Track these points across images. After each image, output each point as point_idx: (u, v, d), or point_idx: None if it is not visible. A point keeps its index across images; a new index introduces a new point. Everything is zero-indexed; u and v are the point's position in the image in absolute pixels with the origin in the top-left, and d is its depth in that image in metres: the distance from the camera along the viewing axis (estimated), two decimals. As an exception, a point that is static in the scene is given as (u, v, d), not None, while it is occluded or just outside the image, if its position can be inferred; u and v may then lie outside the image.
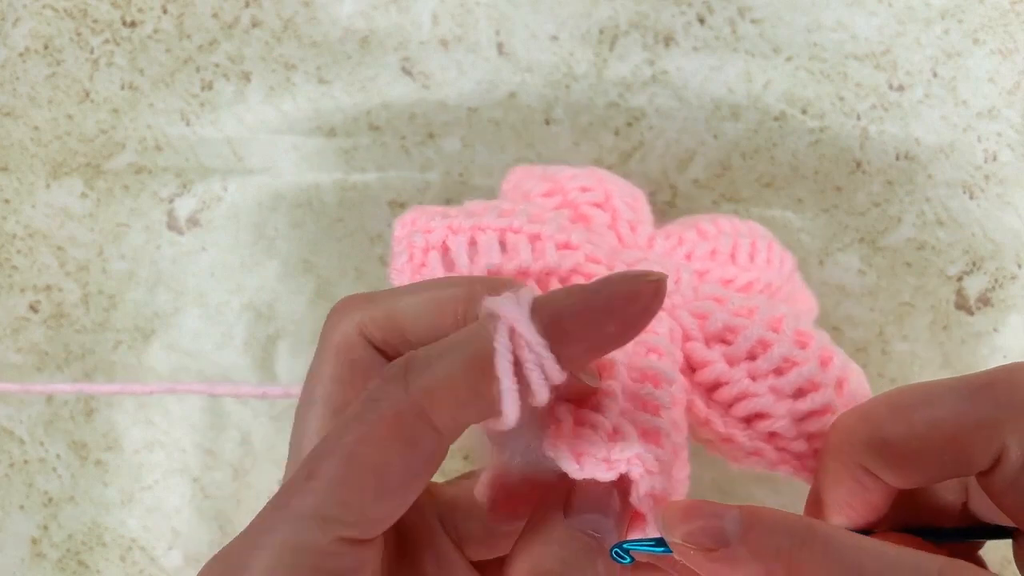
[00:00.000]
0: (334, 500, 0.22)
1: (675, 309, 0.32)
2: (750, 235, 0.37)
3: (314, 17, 0.45)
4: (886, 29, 0.44)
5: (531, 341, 0.22)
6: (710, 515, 0.24)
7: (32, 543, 0.45)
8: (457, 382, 0.23)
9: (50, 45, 0.46)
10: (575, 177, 0.37)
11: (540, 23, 0.45)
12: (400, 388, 0.23)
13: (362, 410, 0.23)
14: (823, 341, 0.32)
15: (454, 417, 0.23)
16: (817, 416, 0.30)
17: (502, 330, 0.22)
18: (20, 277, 0.45)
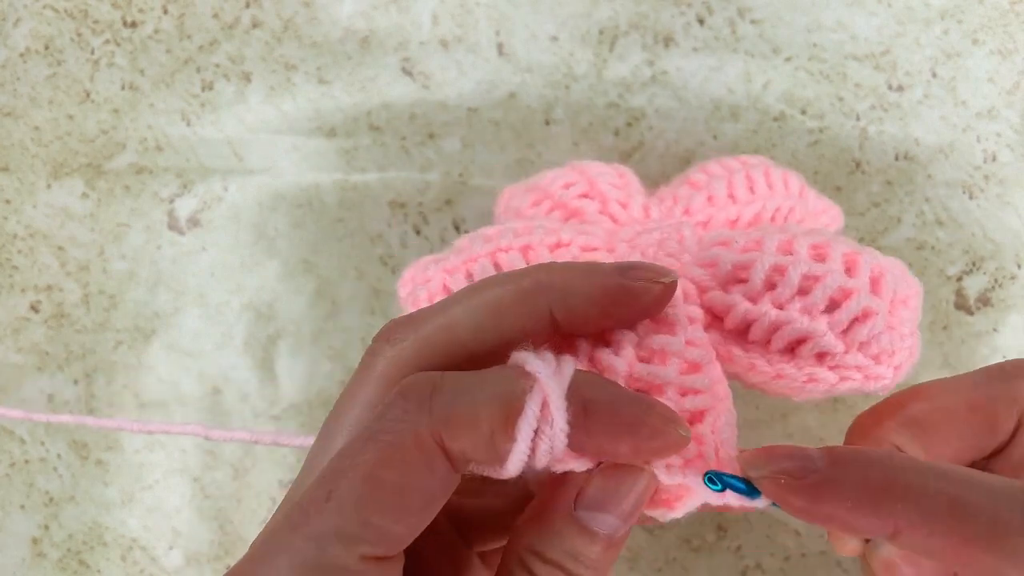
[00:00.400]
0: (356, 520, 0.22)
1: (684, 268, 0.31)
2: (743, 169, 0.37)
3: (314, 17, 0.45)
4: (886, 29, 0.44)
5: (557, 421, 0.23)
6: (792, 453, 0.24)
7: (33, 543, 0.45)
8: (478, 424, 0.23)
9: (51, 45, 0.46)
10: (556, 177, 0.37)
11: (540, 23, 0.45)
12: (423, 412, 0.23)
13: (380, 429, 0.23)
14: (844, 247, 0.30)
15: (464, 452, 0.23)
16: (860, 323, 0.29)
17: (535, 398, 0.23)
18: (21, 277, 0.46)
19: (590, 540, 0.24)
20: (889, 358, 0.30)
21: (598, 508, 0.24)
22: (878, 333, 0.29)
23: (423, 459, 0.23)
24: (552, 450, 0.23)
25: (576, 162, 0.38)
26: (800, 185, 0.37)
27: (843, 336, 0.29)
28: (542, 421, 0.23)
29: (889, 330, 0.30)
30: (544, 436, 0.23)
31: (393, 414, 0.23)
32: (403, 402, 0.23)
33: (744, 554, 0.42)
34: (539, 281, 0.25)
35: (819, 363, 0.30)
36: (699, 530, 0.43)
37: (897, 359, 0.30)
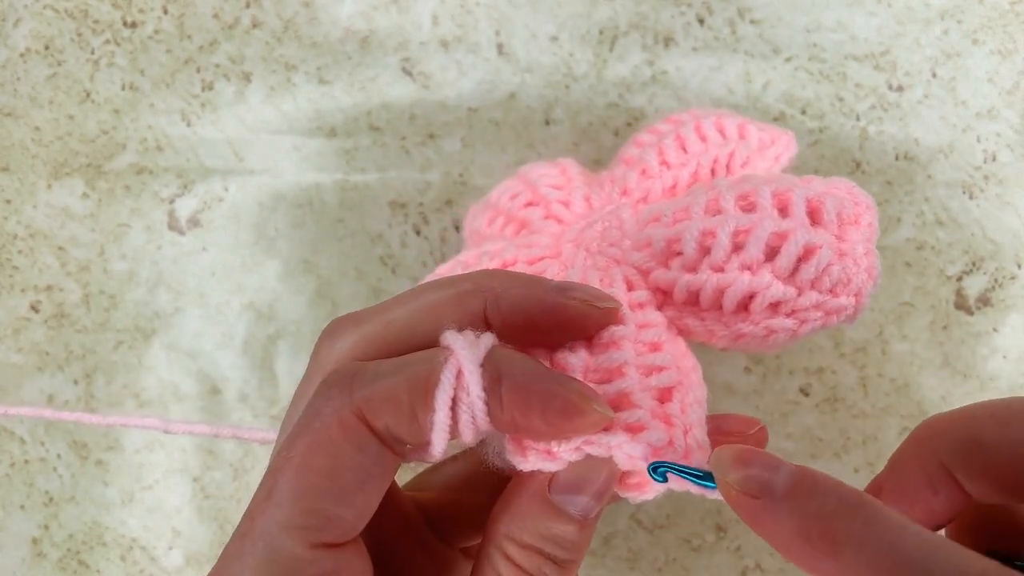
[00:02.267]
0: (296, 509, 0.22)
1: (626, 255, 0.31)
2: (672, 130, 0.36)
3: (314, 18, 0.45)
4: (885, 29, 0.44)
5: (471, 388, 0.23)
6: (765, 466, 0.23)
7: (33, 543, 0.45)
8: (398, 400, 0.23)
9: (51, 45, 0.46)
10: (503, 190, 0.37)
11: (540, 24, 0.45)
12: (345, 394, 0.23)
13: (308, 420, 0.23)
14: (773, 187, 0.29)
15: (388, 428, 0.23)
16: (804, 262, 0.28)
17: (450, 368, 0.24)
18: (21, 277, 0.46)
19: (566, 521, 0.24)
20: (845, 287, 0.29)
21: (571, 490, 0.24)
22: (827, 265, 0.28)
23: (349, 440, 0.23)
24: (474, 420, 0.24)
25: (522, 168, 0.38)
26: (737, 125, 0.36)
27: (791, 280, 0.28)
28: (459, 390, 0.24)
29: (840, 257, 0.29)
30: (463, 405, 0.24)
31: (318, 403, 0.24)
32: (326, 389, 0.24)
33: (744, 554, 0.42)
34: (478, 285, 0.26)
35: (775, 313, 0.29)
36: (699, 530, 0.43)
37: (854, 286, 0.29)
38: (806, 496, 0.22)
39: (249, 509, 0.23)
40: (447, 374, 0.23)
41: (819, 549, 0.22)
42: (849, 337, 0.43)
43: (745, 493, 0.23)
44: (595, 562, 0.43)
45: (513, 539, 0.24)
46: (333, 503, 0.23)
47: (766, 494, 0.23)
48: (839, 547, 0.21)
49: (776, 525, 0.22)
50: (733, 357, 0.43)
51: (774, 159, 0.36)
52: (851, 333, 0.43)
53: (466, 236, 0.40)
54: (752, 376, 0.43)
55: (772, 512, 0.22)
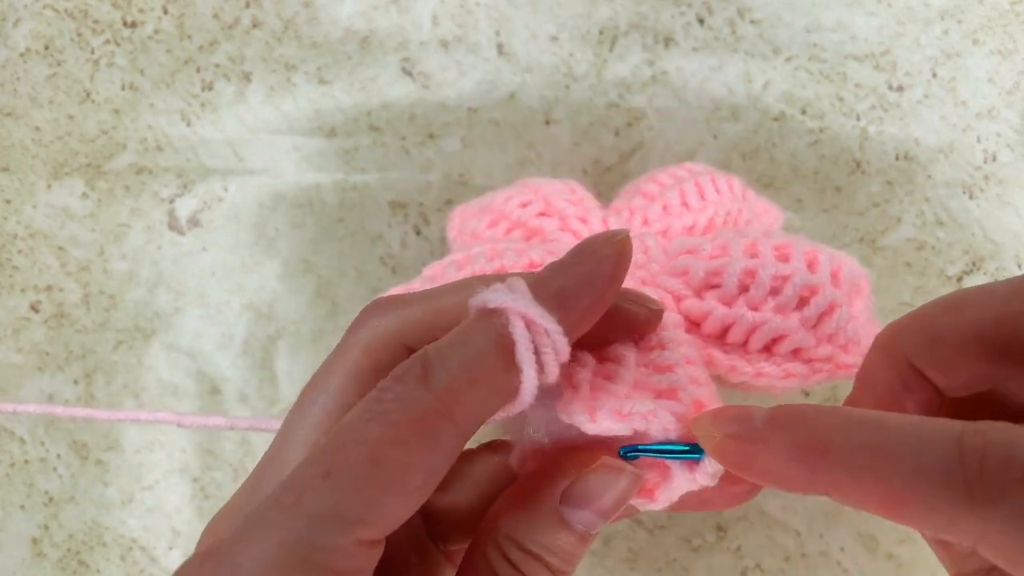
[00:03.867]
0: (358, 501, 0.21)
1: (655, 278, 0.33)
2: (691, 177, 0.37)
3: (314, 18, 0.45)
4: (885, 29, 0.44)
5: (548, 328, 0.23)
6: (739, 415, 0.24)
7: (33, 543, 0.45)
8: (479, 379, 0.23)
9: (51, 45, 0.46)
10: (510, 197, 0.37)
11: (540, 24, 0.45)
12: (422, 388, 0.23)
13: (382, 409, 0.22)
14: (803, 245, 0.32)
15: (477, 413, 0.23)
16: (828, 316, 0.31)
17: (516, 321, 0.23)
18: (21, 277, 0.46)
19: (568, 534, 0.24)
20: (855, 346, 0.32)
21: (581, 505, 0.25)
22: (844, 324, 0.31)
23: (428, 436, 0.22)
24: (557, 356, 0.24)
25: (526, 180, 0.39)
26: (742, 188, 0.38)
27: (813, 331, 0.31)
28: (535, 335, 0.23)
29: (852, 319, 0.32)
30: (545, 348, 0.23)
31: (392, 394, 0.23)
32: (400, 385, 0.23)
33: (744, 554, 0.42)
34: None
35: (794, 358, 0.31)
36: (699, 530, 0.43)
37: (863, 346, 0.32)
38: (785, 420, 0.23)
39: (296, 481, 0.22)
40: (518, 332, 0.23)
41: (812, 458, 0.22)
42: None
43: (731, 437, 0.23)
44: (595, 562, 0.43)
45: (516, 542, 0.24)
46: (394, 500, 0.22)
47: (750, 431, 0.23)
48: (829, 446, 0.22)
49: (767, 456, 0.23)
50: (733, 357, 0.43)
51: (768, 226, 0.39)
52: (851, 333, 0.43)
53: (453, 237, 0.40)
54: (752, 376, 0.43)
55: (760, 446, 0.23)
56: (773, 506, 0.42)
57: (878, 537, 0.42)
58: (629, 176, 0.44)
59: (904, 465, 0.21)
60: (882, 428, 0.21)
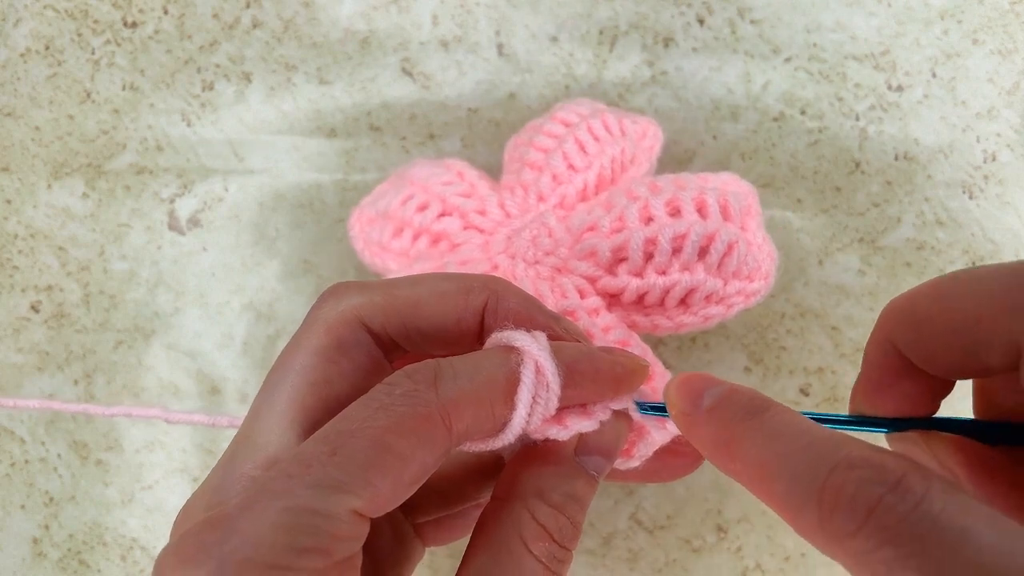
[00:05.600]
0: (360, 479, 0.23)
1: (567, 264, 0.35)
2: (570, 135, 0.38)
3: (314, 18, 0.45)
4: (885, 29, 0.44)
5: (551, 383, 0.26)
6: (692, 392, 0.26)
7: (33, 543, 0.45)
8: (482, 400, 0.25)
9: (51, 46, 0.46)
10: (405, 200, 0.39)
11: (540, 24, 0.45)
12: (432, 391, 0.24)
13: (391, 402, 0.24)
14: (690, 190, 0.34)
15: (468, 430, 0.25)
16: (728, 256, 0.33)
17: (529, 368, 0.26)
18: (21, 277, 0.46)
19: (586, 480, 0.27)
20: (758, 272, 0.35)
21: (592, 451, 0.28)
22: (744, 256, 0.34)
23: (429, 434, 0.24)
24: (545, 410, 0.26)
25: (407, 171, 0.40)
26: (618, 121, 0.39)
27: (719, 274, 0.34)
28: (538, 387, 0.26)
29: (748, 247, 0.34)
30: (540, 399, 0.26)
31: (402, 390, 0.24)
32: (410, 382, 0.25)
33: (744, 555, 0.42)
34: (484, 284, 0.28)
35: (709, 303, 0.34)
36: (699, 531, 0.43)
37: (764, 270, 0.35)
38: (717, 413, 0.25)
39: (303, 458, 0.24)
40: (527, 374, 0.26)
41: (723, 453, 0.25)
42: (849, 337, 0.43)
43: (681, 414, 0.26)
44: (595, 562, 0.43)
45: (543, 498, 0.26)
46: (391, 486, 0.23)
47: (693, 413, 0.26)
48: (735, 451, 0.24)
49: (699, 434, 0.26)
50: (733, 357, 0.43)
51: (649, 150, 0.41)
52: (850, 333, 0.43)
53: (360, 249, 0.41)
54: (752, 376, 0.43)
55: (697, 424, 0.26)
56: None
57: (878, 537, 0.42)
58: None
59: (778, 486, 0.23)
60: (778, 445, 0.24)
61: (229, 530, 0.22)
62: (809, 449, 0.22)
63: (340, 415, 0.24)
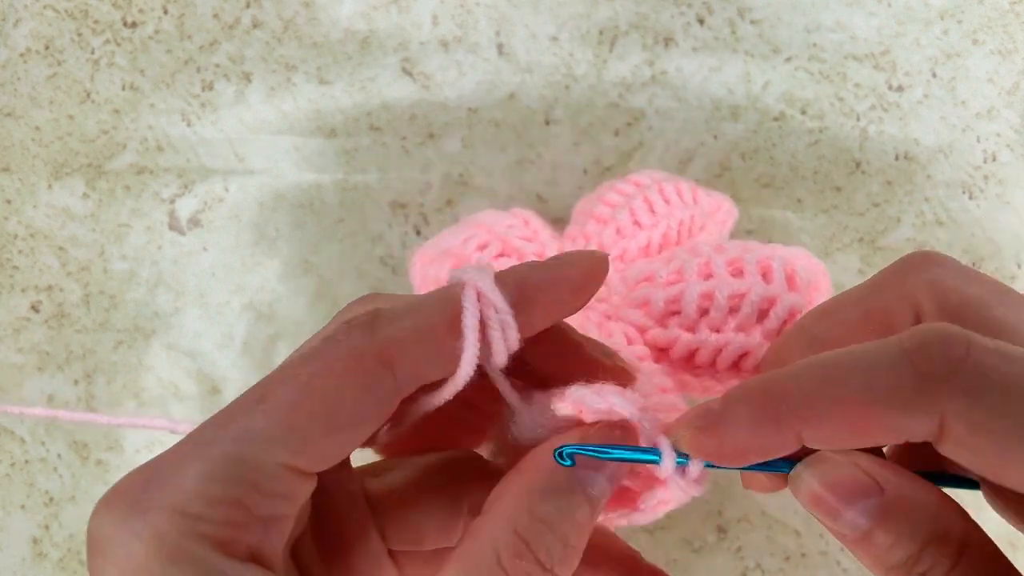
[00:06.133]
0: (284, 424, 0.22)
1: (617, 311, 0.33)
2: (639, 192, 0.38)
3: (314, 18, 0.45)
4: (885, 29, 0.44)
5: (496, 303, 0.24)
6: (699, 409, 0.24)
7: (33, 543, 0.45)
8: (423, 335, 0.24)
9: (51, 46, 0.46)
10: (467, 240, 0.37)
11: (540, 24, 0.45)
12: (366, 333, 0.23)
13: (321, 346, 0.23)
14: (755, 253, 0.33)
15: (414, 368, 0.24)
16: (789, 323, 0.32)
17: (469, 292, 0.24)
18: (21, 277, 0.46)
19: (585, 499, 0.23)
20: None
21: (593, 468, 0.24)
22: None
23: (361, 377, 0.23)
24: (504, 336, 0.24)
25: (474, 217, 0.39)
26: (691, 190, 0.38)
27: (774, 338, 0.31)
28: (485, 308, 0.24)
29: None
30: (492, 324, 0.24)
31: (337, 336, 0.23)
32: (346, 327, 0.24)
33: (744, 555, 0.42)
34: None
35: (760, 371, 0.31)
36: (700, 531, 0.43)
37: None
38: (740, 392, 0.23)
39: (232, 406, 0.23)
40: (468, 297, 0.24)
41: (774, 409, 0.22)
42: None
43: (698, 429, 0.23)
44: (595, 562, 0.43)
45: (529, 509, 0.23)
46: (320, 430, 0.22)
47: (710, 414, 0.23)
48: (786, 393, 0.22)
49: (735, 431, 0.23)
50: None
51: (722, 223, 0.39)
52: (851, 333, 0.43)
53: (417, 285, 0.40)
54: (752, 376, 0.43)
55: (725, 424, 0.23)
56: (773, 506, 0.42)
57: (878, 537, 0.42)
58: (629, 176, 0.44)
59: (858, 380, 0.21)
60: (830, 360, 0.22)
61: (155, 480, 0.22)
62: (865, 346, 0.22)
63: (279, 365, 0.24)
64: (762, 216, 0.44)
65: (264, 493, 0.22)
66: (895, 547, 0.23)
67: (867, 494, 0.23)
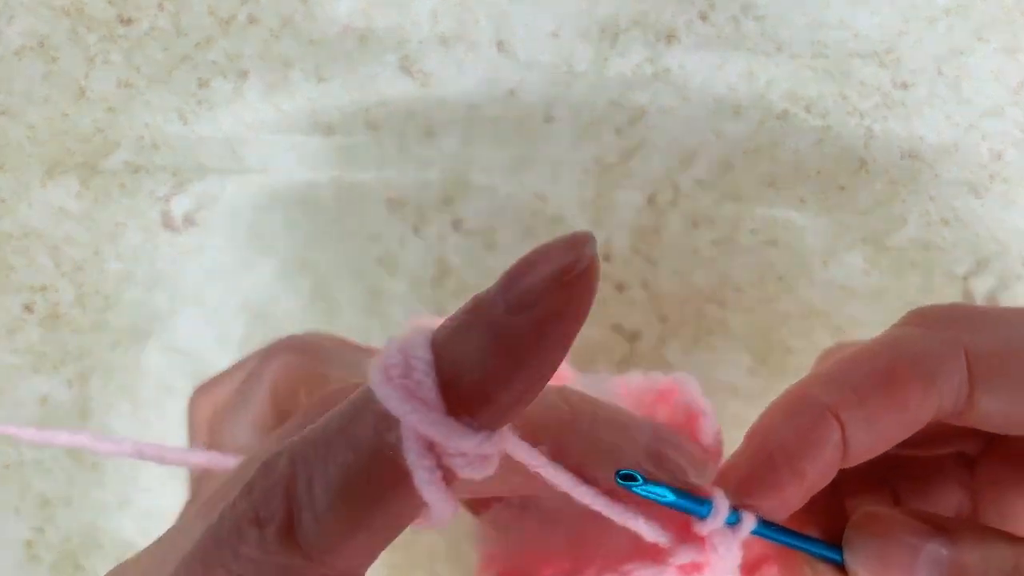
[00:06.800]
0: None
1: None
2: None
3: (312, 14, 0.45)
4: (890, 27, 0.44)
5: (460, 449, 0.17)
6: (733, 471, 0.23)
7: (27, 546, 0.44)
8: (365, 520, 0.18)
9: (45, 43, 0.46)
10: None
11: (540, 20, 0.44)
12: (288, 552, 0.17)
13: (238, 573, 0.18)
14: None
15: (369, 554, 0.18)
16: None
17: (415, 448, 0.17)
18: (16, 277, 0.45)
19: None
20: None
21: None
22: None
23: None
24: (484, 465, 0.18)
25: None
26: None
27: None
28: (443, 458, 0.18)
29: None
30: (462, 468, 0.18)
31: (249, 553, 0.18)
32: (258, 539, 0.18)
33: (747, 557, 0.42)
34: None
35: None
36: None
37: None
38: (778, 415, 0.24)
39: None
40: (415, 461, 0.17)
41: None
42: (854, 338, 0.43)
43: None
44: (596, 566, 0.42)
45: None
46: None
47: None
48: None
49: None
50: (737, 358, 0.43)
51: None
52: (855, 334, 0.43)
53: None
54: (757, 377, 0.43)
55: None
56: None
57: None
58: (630, 176, 0.44)
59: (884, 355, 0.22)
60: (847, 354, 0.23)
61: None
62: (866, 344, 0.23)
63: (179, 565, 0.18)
64: (765, 215, 0.43)
65: None
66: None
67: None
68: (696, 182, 0.44)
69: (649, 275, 0.43)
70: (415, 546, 0.44)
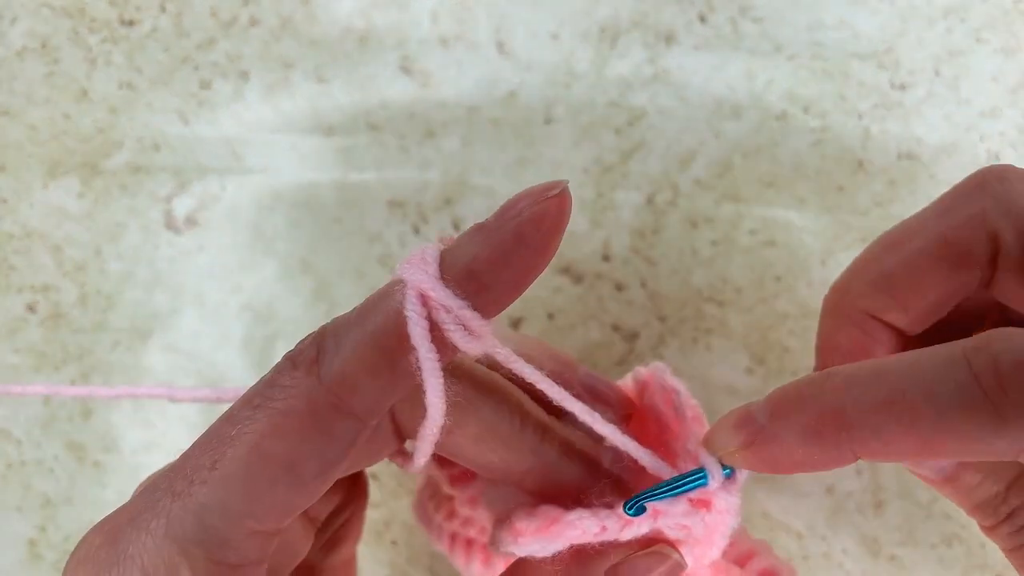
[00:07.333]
0: (243, 494, 0.21)
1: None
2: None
3: (313, 15, 0.45)
4: (888, 27, 0.44)
5: (445, 303, 0.21)
6: (741, 421, 0.23)
7: (29, 544, 0.44)
8: (372, 361, 0.22)
9: (47, 44, 0.46)
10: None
11: (540, 21, 0.44)
12: (313, 377, 0.21)
13: (272, 396, 0.22)
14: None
15: (372, 401, 0.22)
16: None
17: (411, 297, 0.21)
18: (17, 277, 0.45)
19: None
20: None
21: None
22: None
23: (317, 426, 0.21)
24: (467, 331, 0.22)
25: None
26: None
27: None
28: (433, 312, 0.21)
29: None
30: (447, 325, 0.21)
31: (281, 382, 0.22)
32: (290, 368, 0.22)
33: (746, 556, 0.42)
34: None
35: None
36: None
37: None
38: (787, 408, 0.22)
39: (186, 469, 0.22)
40: (410, 304, 0.21)
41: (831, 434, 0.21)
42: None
43: (743, 447, 0.23)
44: (596, 564, 0.42)
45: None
46: (283, 493, 0.21)
47: (757, 434, 0.22)
48: (844, 417, 0.21)
49: (785, 450, 0.22)
50: (735, 358, 0.43)
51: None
52: (854, 333, 0.43)
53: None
54: (755, 376, 0.43)
55: (774, 444, 0.22)
56: (775, 507, 0.42)
57: (880, 539, 0.41)
58: (629, 176, 0.44)
59: (925, 408, 0.20)
60: (887, 378, 0.21)
61: (120, 553, 0.21)
62: (920, 362, 0.21)
63: (227, 414, 0.22)
64: (764, 216, 0.43)
65: (233, 565, 0.21)
66: (981, 486, 0.23)
67: None
68: (695, 182, 0.44)
69: (648, 275, 0.44)
70: (415, 546, 0.44)
